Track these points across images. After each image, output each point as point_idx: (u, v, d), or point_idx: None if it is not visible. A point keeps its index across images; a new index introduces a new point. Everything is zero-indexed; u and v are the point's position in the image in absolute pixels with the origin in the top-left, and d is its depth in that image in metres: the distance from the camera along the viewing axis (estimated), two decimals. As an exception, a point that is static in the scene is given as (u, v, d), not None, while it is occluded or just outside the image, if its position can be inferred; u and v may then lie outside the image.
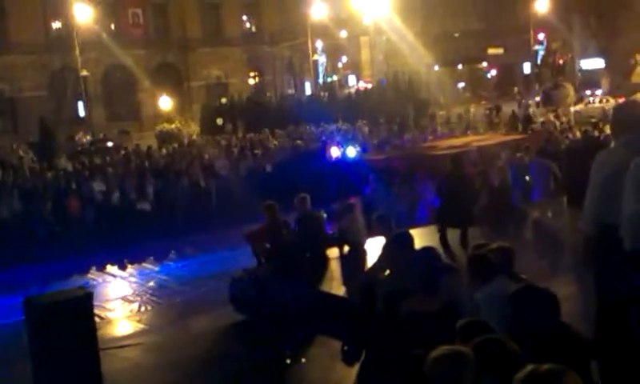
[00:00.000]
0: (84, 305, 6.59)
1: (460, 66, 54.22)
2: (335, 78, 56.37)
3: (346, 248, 9.38)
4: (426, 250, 5.77)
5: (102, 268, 12.42)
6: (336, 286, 8.77)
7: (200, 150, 23.37)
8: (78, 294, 6.76)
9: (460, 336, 3.85)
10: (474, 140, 20.68)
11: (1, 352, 7.61)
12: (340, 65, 58.14)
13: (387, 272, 5.85)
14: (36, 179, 18.07)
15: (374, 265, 6.99)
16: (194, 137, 32.48)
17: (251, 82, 52.77)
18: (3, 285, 10.80)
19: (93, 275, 12.02)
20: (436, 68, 52.28)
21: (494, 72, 54.31)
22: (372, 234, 8.43)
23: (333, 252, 9.63)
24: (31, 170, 19.99)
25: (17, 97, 43.01)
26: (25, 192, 16.12)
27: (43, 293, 7.34)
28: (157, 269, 12.24)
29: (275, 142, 24.93)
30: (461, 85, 54.00)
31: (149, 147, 25.10)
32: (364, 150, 20.50)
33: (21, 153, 26.15)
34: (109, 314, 9.58)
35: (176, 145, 27.12)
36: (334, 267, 9.34)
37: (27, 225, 14.62)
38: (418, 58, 48.50)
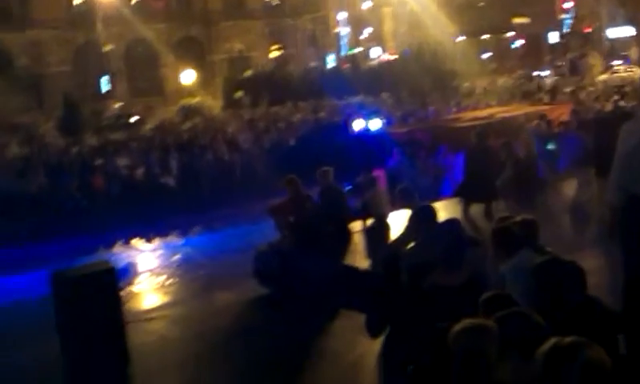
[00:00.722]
0: (111, 278, 6.68)
1: (485, 37, 53.30)
2: (359, 50, 55.71)
3: (370, 221, 9.35)
4: (450, 222, 5.73)
5: (127, 242, 12.56)
6: (359, 259, 8.77)
7: (223, 124, 23.42)
8: (104, 267, 6.86)
9: (483, 309, 3.81)
10: (498, 111, 20.38)
11: (29, 326, 7.74)
12: (363, 37, 57.47)
13: (411, 244, 5.82)
14: (61, 155, 18.25)
15: (398, 237, 6.96)
16: (216, 111, 32.54)
17: (273, 55, 52.50)
18: (31, 258, 10.96)
19: (118, 249, 12.16)
20: (460, 38, 51.48)
21: (520, 42, 53.25)
22: (395, 206, 8.38)
23: (356, 225, 9.61)
24: (55, 146, 20.18)
25: (41, 73, 43.22)
26: (51, 167, 16.29)
27: (70, 266, 7.43)
28: (181, 243, 12.33)
29: (299, 116, 24.87)
30: (486, 55, 53.11)
31: (172, 122, 25.23)
32: (388, 122, 20.32)
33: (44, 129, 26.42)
34: (134, 288, 9.69)
35: (198, 119, 27.23)
36: (358, 240, 9.33)
37: (54, 199, 14.78)
38: (442, 29, 47.80)
